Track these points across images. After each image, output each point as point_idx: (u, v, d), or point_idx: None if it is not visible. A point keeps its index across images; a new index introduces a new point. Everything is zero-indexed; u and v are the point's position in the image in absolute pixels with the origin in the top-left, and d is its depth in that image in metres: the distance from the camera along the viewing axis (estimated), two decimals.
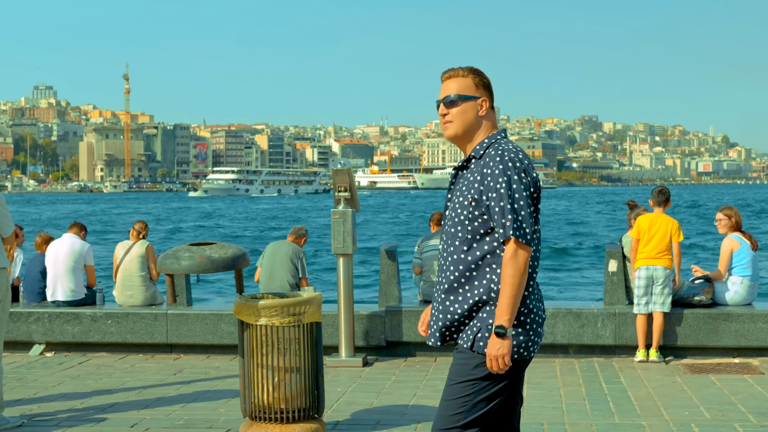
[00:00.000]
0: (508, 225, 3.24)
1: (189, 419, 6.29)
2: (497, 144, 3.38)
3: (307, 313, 5.66)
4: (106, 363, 8.48)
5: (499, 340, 3.21)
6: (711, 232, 42.36)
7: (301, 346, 5.65)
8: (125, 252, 9.11)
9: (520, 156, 3.33)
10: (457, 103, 3.42)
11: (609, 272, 8.48)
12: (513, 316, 3.23)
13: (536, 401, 6.70)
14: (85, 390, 7.32)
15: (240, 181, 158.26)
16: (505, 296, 3.22)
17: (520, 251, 3.24)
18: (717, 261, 8.89)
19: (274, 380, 5.62)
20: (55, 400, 6.96)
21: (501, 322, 3.21)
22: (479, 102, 3.43)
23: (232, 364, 8.34)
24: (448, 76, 3.47)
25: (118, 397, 7.06)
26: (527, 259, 3.25)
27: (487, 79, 3.47)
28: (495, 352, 3.22)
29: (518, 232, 3.23)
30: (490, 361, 3.23)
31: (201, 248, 5.56)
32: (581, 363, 8.14)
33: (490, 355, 3.22)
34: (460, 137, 3.44)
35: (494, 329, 3.22)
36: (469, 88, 3.43)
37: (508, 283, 3.22)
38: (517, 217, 3.24)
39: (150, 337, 8.81)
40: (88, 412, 6.57)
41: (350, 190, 8.23)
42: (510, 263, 3.23)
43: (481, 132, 3.44)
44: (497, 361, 3.22)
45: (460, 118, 3.42)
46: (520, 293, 3.24)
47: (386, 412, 6.44)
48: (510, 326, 3.22)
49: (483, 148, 3.39)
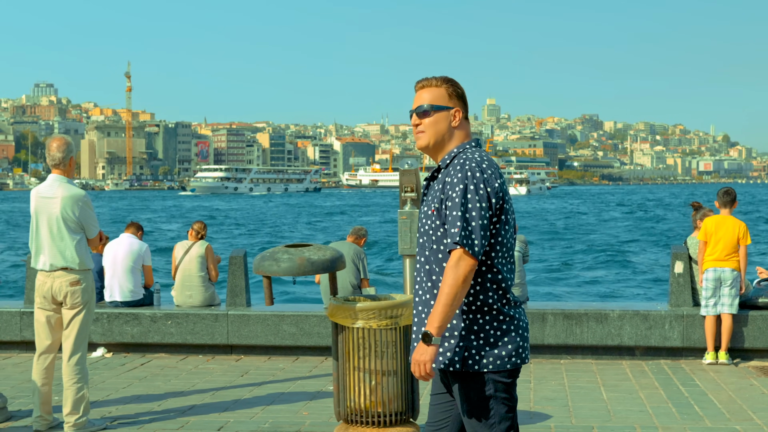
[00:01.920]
0: (455, 232, 3.18)
1: (274, 422, 6.24)
2: (463, 153, 3.35)
3: (403, 316, 5.60)
4: (168, 364, 8.42)
5: (424, 346, 3.19)
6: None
7: (397, 349, 5.59)
8: (184, 252, 9.04)
9: (483, 166, 3.27)
10: (430, 113, 3.38)
11: (675, 274, 8.42)
12: (444, 324, 3.17)
13: (619, 404, 6.65)
14: (157, 392, 7.26)
15: (229, 179, 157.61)
16: (440, 304, 3.16)
17: (464, 261, 3.16)
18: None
19: (372, 383, 5.57)
20: (131, 402, 6.90)
21: (429, 329, 3.17)
22: (452, 112, 3.39)
23: (296, 365, 8.29)
24: (422, 86, 3.43)
25: (194, 399, 7.00)
26: (470, 270, 3.17)
27: (461, 89, 3.43)
28: (418, 357, 3.20)
29: (465, 241, 3.17)
30: (413, 365, 3.21)
31: (299, 250, 5.50)
32: (649, 365, 8.08)
33: (414, 359, 3.21)
34: (432, 148, 3.41)
35: (422, 335, 3.19)
36: (442, 98, 3.39)
37: (445, 291, 3.16)
38: (466, 227, 3.18)
39: (210, 338, 8.75)
40: (168, 414, 6.51)
41: (416, 191, 8.16)
42: (450, 272, 3.16)
43: (452, 142, 3.40)
44: (419, 366, 3.20)
45: (433, 129, 3.38)
46: (457, 304, 3.17)
47: None
48: (438, 335, 3.17)
49: (450, 157, 3.36)
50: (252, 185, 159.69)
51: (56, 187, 5.99)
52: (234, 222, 60.01)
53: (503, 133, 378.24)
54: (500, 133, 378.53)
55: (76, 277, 5.98)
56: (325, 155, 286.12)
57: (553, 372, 7.84)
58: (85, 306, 6.02)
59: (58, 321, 6.07)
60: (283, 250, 5.51)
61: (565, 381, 7.47)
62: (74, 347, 6.01)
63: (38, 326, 6.10)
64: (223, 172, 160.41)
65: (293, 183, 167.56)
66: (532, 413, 6.41)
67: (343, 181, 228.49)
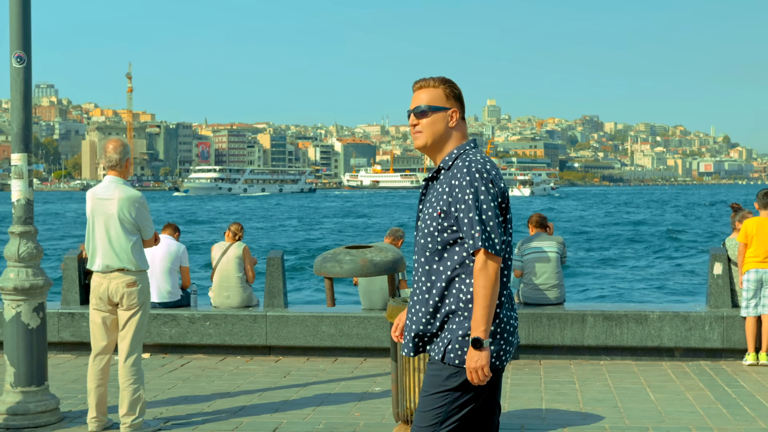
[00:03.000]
0: (477, 236, 3.23)
1: (328, 423, 6.25)
2: (465, 155, 3.38)
3: None
4: (207, 365, 8.43)
5: (476, 351, 3.21)
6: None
7: None
8: (222, 253, 9.05)
9: (487, 167, 3.32)
10: (428, 113, 3.42)
11: (714, 275, 8.44)
12: (489, 326, 3.22)
13: (668, 405, 6.66)
14: (203, 393, 7.27)
15: (223, 179, 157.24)
16: (479, 307, 3.21)
17: (490, 262, 3.23)
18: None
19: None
20: (180, 403, 6.91)
21: (477, 333, 3.21)
22: (449, 113, 3.43)
23: (336, 366, 8.30)
24: (419, 87, 3.47)
25: (242, 400, 7.01)
26: (497, 269, 3.24)
27: (458, 90, 3.47)
28: (474, 364, 3.21)
29: (487, 242, 3.22)
30: (470, 373, 3.23)
31: (361, 252, 5.51)
32: (690, 366, 8.09)
33: (470, 367, 3.22)
34: (430, 148, 3.45)
35: (471, 341, 3.21)
36: (439, 98, 3.43)
37: (481, 294, 3.21)
38: (485, 228, 3.24)
39: (249, 339, 8.76)
40: (219, 415, 6.53)
41: None
42: (481, 274, 3.22)
43: (450, 142, 3.44)
44: (477, 372, 3.22)
45: (430, 129, 3.42)
46: (494, 303, 3.23)
47: (524, 416, 6.40)
48: (486, 337, 3.21)
49: (452, 158, 3.39)
50: (246, 186, 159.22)
51: (113, 188, 6.00)
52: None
53: (504, 134, 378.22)
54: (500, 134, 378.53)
55: (133, 279, 5.99)
56: (326, 156, 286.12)
57: (594, 373, 7.86)
58: (141, 307, 6.04)
59: (114, 322, 6.09)
60: (344, 251, 5.53)
61: (610, 382, 7.49)
62: (130, 348, 6.02)
63: (94, 327, 6.11)
64: (217, 172, 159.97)
65: (288, 184, 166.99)
66: (584, 414, 6.43)
67: (344, 182, 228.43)
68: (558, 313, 8.40)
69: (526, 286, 8.76)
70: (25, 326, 6.28)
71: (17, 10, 6.34)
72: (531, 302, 8.74)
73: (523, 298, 8.81)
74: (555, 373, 7.88)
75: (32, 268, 6.35)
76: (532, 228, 9.02)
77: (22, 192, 6.36)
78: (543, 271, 8.69)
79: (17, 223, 6.35)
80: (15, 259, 6.31)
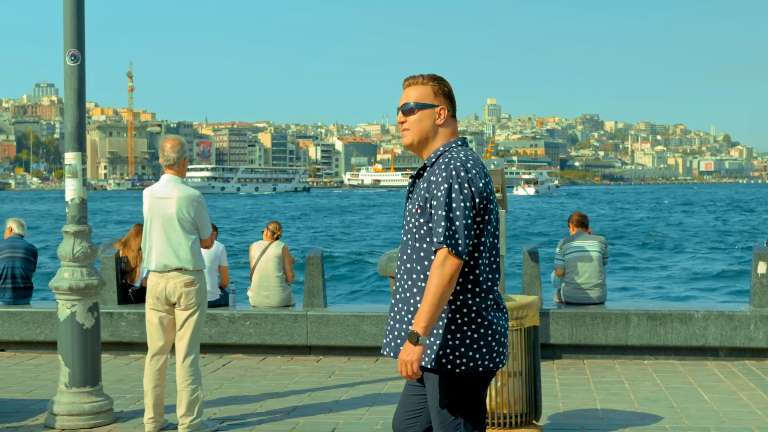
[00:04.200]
0: (440, 232, 3.19)
1: (385, 423, 6.20)
2: (449, 152, 3.35)
3: (528, 317, 5.59)
4: (249, 365, 8.39)
5: (411, 346, 3.19)
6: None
7: (522, 350, 5.58)
8: (261, 252, 9.01)
9: (468, 165, 3.28)
10: (415, 111, 3.39)
11: (758, 274, 8.39)
12: (431, 324, 3.18)
13: (725, 405, 6.62)
14: (252, 393, 7.23)
15: (215, 179, 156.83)
16: (426, 304, 3.17)
17: (449, 261, 3.17)
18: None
19: (497, 385, 5.55)
20: (230, 403, 6.87)
21: (416, 328, 3.18)
22: (437, 110, 3.39)
23: (379, 366, 8.25)
24: (408, 84, 3.45)
25: (292, 400, 6.97)
26: (455, 270, 3.18)
27: (448, 87, 3.43)
28: (405, 357, 3.20)
29: (449, 241, 3.17)
30: (399, 365, 3.21)
31: None
32: (736, 366, 8.05)
33: (401, 359, 3.21)
34: (416, 145, 3.42)
35: (408, 334, 3.19)
36: (427, 96, 3.39)
37: (431, 291, 3.16)
38: (450, 226, 3.19)
39: (289, 338, 8.72)
40: (273, 415, 6.49)
41: (502, 191, 8.15)
42: (436, 272, 3.17)
43: (437, 140, 3.40)
44: (406, 366, 3.20)
45: (417, 126, 3.39)
46: (443, 303, 3.18)
47: (581, 416, 6.36)
48: (425, 334, 3.17)
49: (436, 155, 3.36)
50: (239, 185, 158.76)
51: (171, 187, 5.96)
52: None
53: (504, 133, 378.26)
54: (501, 133, 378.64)
55: (191, 278, 5.95)
56: (327, 155, 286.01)
57: (641, 373, 7.82)
58: (199, 307, 6.00)
59: (171, 322, 6.04)
60: None
61: (659, 382, 7.44)
62: (188, 348, 5.98)
63: (150, 327, 6.06)
64: (210, 171, 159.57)
65: (281, 182, 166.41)
66: (642, 414, 6.38)
67: (346, 181, 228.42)
68: (601, 313, 8.36)
69: (568, 285, 8.71)
70: (80, 326, 6.24)
71: (71, 9, 6.31)
72: (573, 301, 8.70)
73: (565, 297, 8.77)
74: (601, 372, 7.84)
75: (87, 267, 6.31)
76: (573, 227, 8.97)
77: (76, 191, 6.33)
78: (585, 270, 8.65)
79: (71, 222, 6.31)
80: (70, 258, 6.27)
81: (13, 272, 9.14)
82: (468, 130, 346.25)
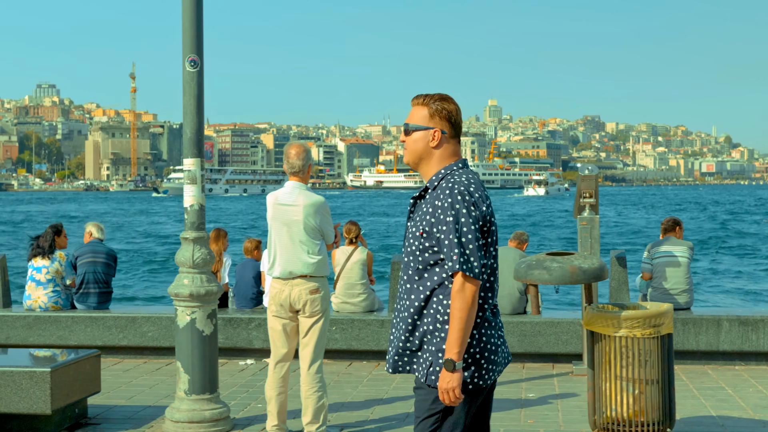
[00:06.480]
0: (455, 258, 3.23)
1: (507, 430, 6.18)
2: (451, 176, 3.38)
3: (664, 325, 5.57)
4: (338, 370, 8.37)
5: (448, 373, 3.22)
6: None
7: (658, 358, 5.56)
8: (346, 258, 8.98)
9: (471, 189, 3.32)
10: (410, 132, 3.46)
11: None
12: (463, 349, 3.22)
13: None
14: (356, 399, 7.21)
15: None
16: (454, 329, 3.20)
17: (467, 284, 3.22)
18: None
19: (635, 392, 5.53)
20: (340, 410, 6.85)
21: (450, 355, 3.21)
22: (431, 133, 3.41)
23: None
24: (413, 103, 3.50)
25: (400, 406, 6.94)
26: (474, 292, 3.23)
27: (449, 109, 3.42)
28: (445, 386, 3.23)
29: (465, 265, 3.23)
30: (441, 394, 3.24)
31: (567, 259, 5.46)
32: None
33: (441, 388, 3.24)
34: (413, 165, 3.49)
35: (444, 363, 3.23)
36: (422, 118, 3.42)
37: (456, 316, 3.20)
38: (464, 251, 3.24)
39: (376, 344, 8.69)
40: (389, 422, 6.47)
41: (595, 196, 8.14)
42: (458, 296, 3.22)
43: (434, 162, 3.43)
44: (448, 394, 3.23)
45: (412, 147, 3.45)
46: (470, 326, 3.22)
47: (700, 423, 6.34)
48: (459, 359, 3.21)
49: (438, 178, 3.40)
50: (227, 186, 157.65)
51: (296, 194, 5.93)
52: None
53: (506, 135, 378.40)
54: (502, 135, 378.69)
55: (316, 285, 5.92)
56: (329, 156, 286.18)
57: (738, 379, 7.79)
58: (323, 314, 5.97)
59: (294, 329, 6.01)
60: (549, 258, 5.47)
61: (760, 388, 7.42)
62: (314, 355, 5.96)
63: (274, 335, 6.03)
64: None
65: (271, 184, 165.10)
66: (763, 422, 6.37)
67: (348, 182, 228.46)
68: (692, 318, 8.34)
69: (656, 290, 8.69)
70: (200, 333, 6.22)
71: (190, 15, 6.32)
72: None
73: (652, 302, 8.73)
74: (698, 378, 7.82)
75: (206, 274, 6.29)
76: (663, 232, 8.94)
77: (195, 197, 6.31)
78: (673, 275, 8.63)
79: (190, 228, 6.30)
80: (189, 265, 6.25)
81: (95, 277, 9.12)
82: (469, 131, 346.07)
